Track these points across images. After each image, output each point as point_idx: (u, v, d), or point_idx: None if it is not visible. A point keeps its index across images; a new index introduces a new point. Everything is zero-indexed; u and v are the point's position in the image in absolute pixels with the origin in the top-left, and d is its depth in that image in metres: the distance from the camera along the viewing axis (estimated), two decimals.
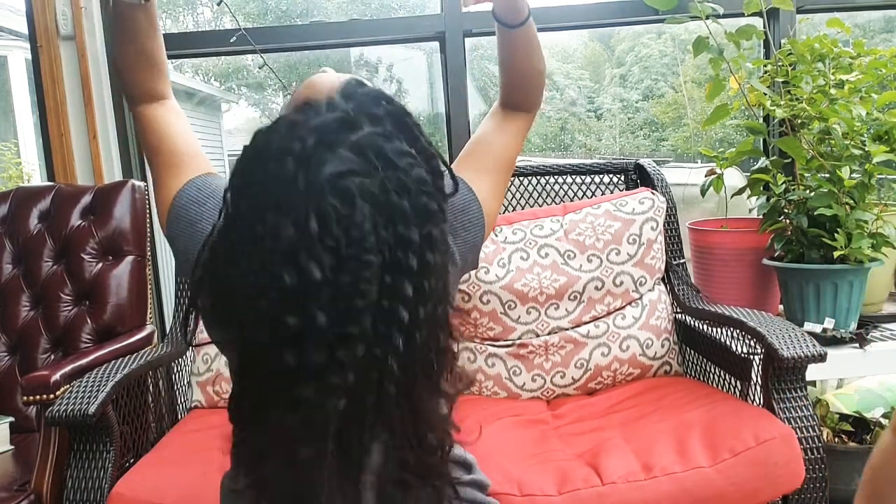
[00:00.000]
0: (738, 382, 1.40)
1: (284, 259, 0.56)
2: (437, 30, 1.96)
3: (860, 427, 1.67)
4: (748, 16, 1.73)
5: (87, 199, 1.73)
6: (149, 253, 1.72)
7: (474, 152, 0.97)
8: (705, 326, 1.55)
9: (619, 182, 1.83)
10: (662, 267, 1.63)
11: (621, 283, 1.58)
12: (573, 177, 1.83)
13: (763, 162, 1.70)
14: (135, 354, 1.41)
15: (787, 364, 1.19)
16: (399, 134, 0.64)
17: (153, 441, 1.43)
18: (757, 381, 1.32)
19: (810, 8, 1.95)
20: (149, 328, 1.67)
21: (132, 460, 1.30)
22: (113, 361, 1.32)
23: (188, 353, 1.64)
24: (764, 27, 1.73)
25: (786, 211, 1.60)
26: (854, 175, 1.51)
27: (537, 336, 1.55)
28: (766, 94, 1.60)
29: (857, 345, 1.48)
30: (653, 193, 1.66)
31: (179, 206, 0.85)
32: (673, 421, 1.26)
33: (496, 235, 1.62)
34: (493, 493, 1.07)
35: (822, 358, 1.19)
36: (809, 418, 1.20)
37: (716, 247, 1.72)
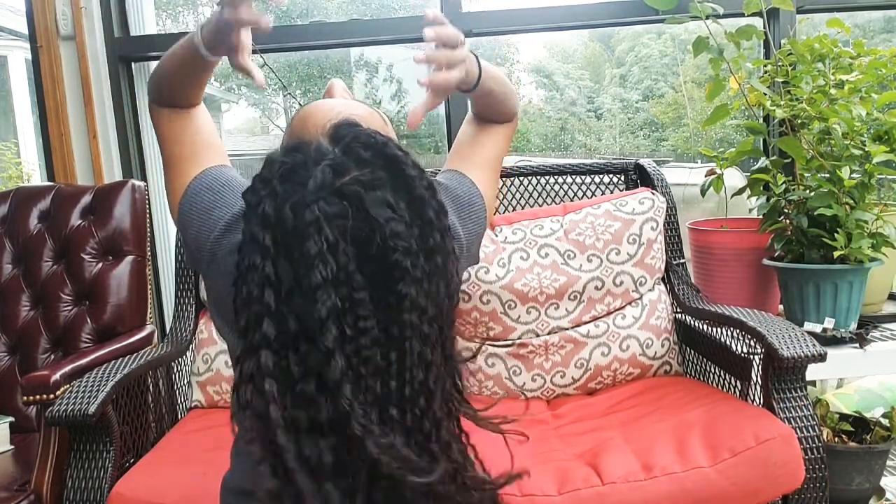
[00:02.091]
0: (738, 382, 1.40)
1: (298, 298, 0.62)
2: None
3: (860, 427, 1.67)
4: (748, 16, 1.73)
5: (86, 199, 1.72)
6: (149, 253, 1.72)
7: (461, 152, 1.00)
8: (705, 326, 1.55)
9: (619, 182, 1.83)
10: (662, 267, 1.63)
11: (621, 282, 1.58)
12: (573, 177, 1.83)
13: (763, 162, 1.70)
14: (135, 354, 1.41)
15: (787, 364, 1.18)
16: (387, 181, 0.65)
17: (153, 441, 1.43)
18: (757, 380, 1.31)
19: (810, 8, 1.95)
20: (149, 328, 1.67)
21: (132, 460, 1.30)
22: (113, 361, 1.32)
23: (188, 353, 1.64)
24: (764, 27, 1.73)
25: (786, 211, 1.60)
26: (854, 175, 1.51)
27: (537, 336, 1.55)
28: (766, 95, 1.60)
29: (857, 345, 1.48)
30: (653, 193, 1.66)
31: (194, 193, 0.86)
32: (673, 421, 1.26)
33: (496, 235, 1.62)
34: None
35: (822, 358, 1.19)
36: (809, 418, 1.20)
37: (716, 247, 1.72)
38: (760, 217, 1.66)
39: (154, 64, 2.12)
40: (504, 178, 1.83)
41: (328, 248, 0.61)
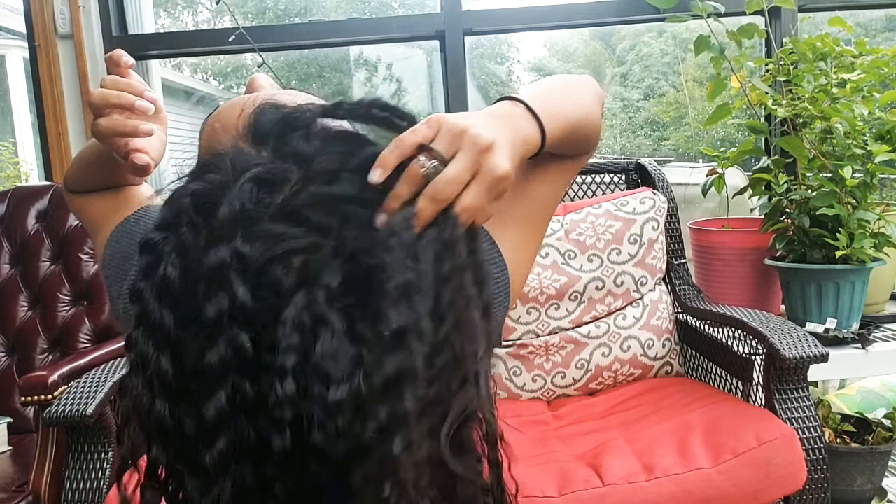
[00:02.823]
0: (739, 383, 1.40)
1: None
2: (437, 28, 1.95)
3: (862, 428, 1.66)
4: (750, 14, 1.73)
5: None
6: None
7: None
8: (706, 327, 1.55)
9: (620, 181, 1.82)
10: (663, 267, 1.63)
11: (622, 283, 1.57)
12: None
13: (765, 161, 1.69)
14: None
15: (788, 364, 1.18)
16: (347, 167, 0.43)
17: None
18: (758, 381, 1.31)
19: (812, 7, 1.94)
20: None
21: (130, 461, 1.29)
22: (111, 362, 1.31)
23: None
24: (765, 26, 1.72)
25: (787, 210, 1.59)
26: (856, 175, 1.50)
27: (538, 336, 1.54)
28: (767, 94, 1.59)
29: (859, 345, 1.47)
30: (654, 193, 1.65)
31: (107, 259, 0.72)
32: (674, 422, 1.26)
33: None
34: None
35: (823, 358, 1.19)
36: (811, 419, 1.20)
37: (717, 247, 1.71)
38: (762, 217, 1.65)
39: (154, 63, 2.12)
40: None
41: (236, 316, 0.39)
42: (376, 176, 0.43)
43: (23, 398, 1.27)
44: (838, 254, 1.43)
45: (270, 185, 0.42)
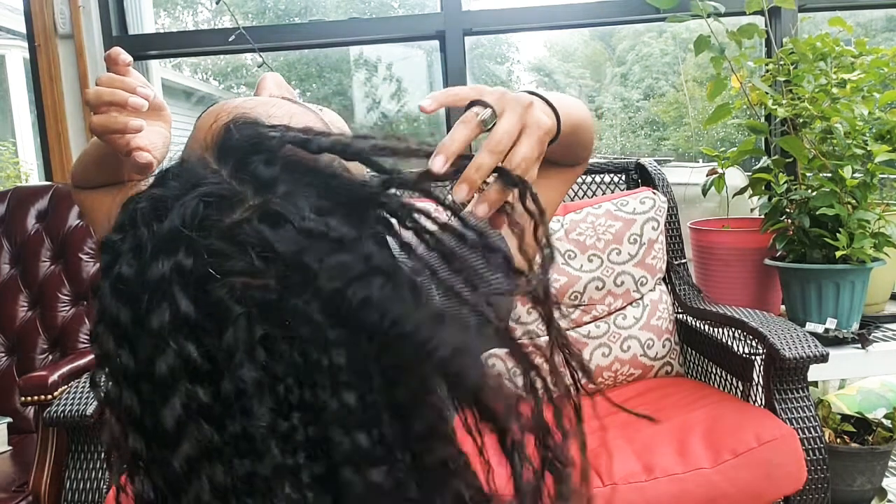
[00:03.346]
0: (739, 383, 1.40)
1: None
2: (437, 28, 1.95)
3: (862, 428, 1.66)
4: (749, 14, 1.73)
5: None
6: None
7: None
8: (707, 327, 1.55)
9: (620, 182, 1.82)
10: (663, 267, 1.63)
11: (622, 283, 1.57)
12: None
13: (765, 161, 1.69)
14: None
15: (788, 364, 1.18)
16: (310, 198, 0.42)
17: None
18: (758, 381, 1.31)
19: (812, 6, 1.94)
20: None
21: None
22: None
23: None
24: (765, 26, 1.72)
25: (787, 210, 1.59)
26: (856, 175, 1.50)
27: (538, 336, 1.54)
28: (767, 93, 1.59)
29: (859, 345, 1.47)
30: (654, 193, 1.65)
31: None
32: (674, 422, 1.26)
33: None
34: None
35: (823, 358, 1.19)
36: (811, 419, 1.20)
37: (717, 247, 1.71)
38: (762, 217, 1.65)
39: (154, 63, 2.12)
40: None
41: (180, 327, 0.40)
42: (438, 164, 0.44)
43: (23, 398, 1.27)
44: (838, 254, 1.43)
45: (220, 205, 0.42)
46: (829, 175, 1.51)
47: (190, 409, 0.41)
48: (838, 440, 1.63)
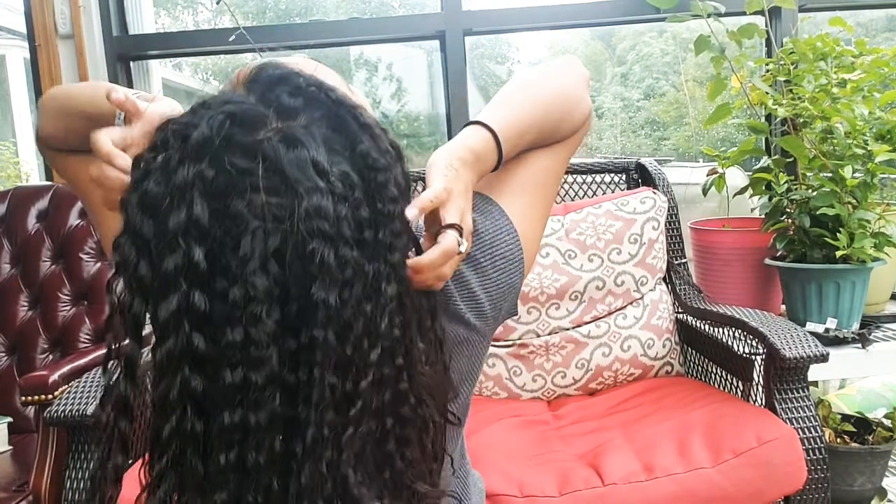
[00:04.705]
0: (739, 383, 1.40)
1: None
2: (438, 28, 1.95)
3: (862, 428, 1.66)
4: (750, 14, 1.73)
5: None
6: None
7: (496, 175, 0.70)
8: (707, 326, 1.54)
9: (621, 181, 1.82)
10: (664, 267, 1.63)
11: (622, 282, 1.57)
12: (574, 176, 1.83)
13: (765, 161, 1.69)
14: None
15: (789, 364, 1.18)
16: (322, 138, 0.48)
17: None
18: (759, 381, 1.31)
19: (812, 7, 1.94)
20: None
21: (131, 462, 1.30)
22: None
23: None
24: (766, 26, 1.72)
25: (788, 210, 1.59)
26: (856, 174, 1.50)
27: (538, 336, 1.54)
28: (767, 93, 1.59)
29: (859, 345, 1.47)
30: (654, 193, 1.65)
31: None
32: (674, 421, 1.26)
33: None
34: (493, 495, 1.07)
35: (824, 358, 1.19)
36: (811, 419, 1.20)
37: (717, 246, 1.71)
38: (762, 216, 1.65)
39: (153, 63, 2.12)
40: None
41: (190, 230, 0.45)
42: (415, 214, 0.53)
43: (23, 398, 1.27)
44: (838, 254, 1.43)
45: (243, 122, 0.47)
46: (830, 175, 1.51)
47: (182, 310, 0.45)
48: (838, 440, 1.63)
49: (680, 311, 1.64)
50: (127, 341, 0.49)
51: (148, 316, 0.48)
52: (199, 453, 0.46)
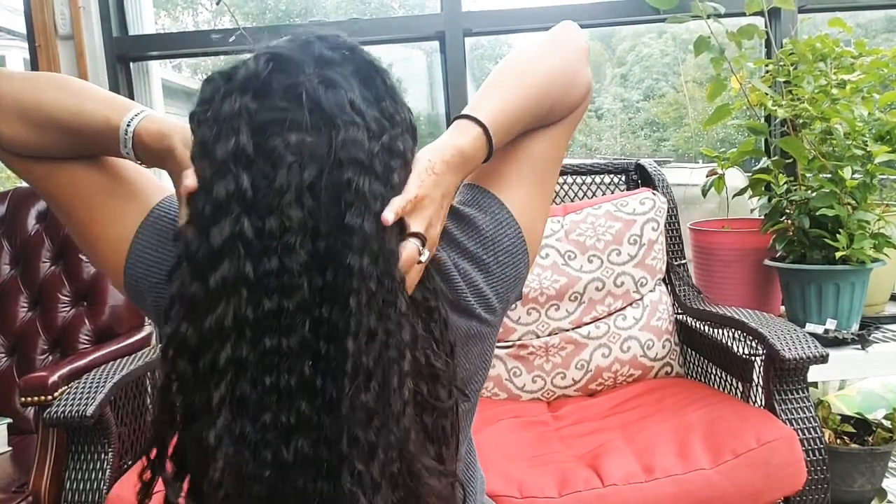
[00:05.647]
0: (739, 384, 1.40)
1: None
2: (437, 29, 1.95)
3: (862, 428, 1.66)
4: (749, 15, 1.73)
5: None
6: None
7: (491, 164, 0.69)
8: (706, 327, 1.55)
9: (620, 182, 1.82)
10: (663, 268, 1.63)
11: (622, 283, 1.57)
12: (574, 177, 1.83)
13: (764, 162, 1.69)
14: (133, 355, 1.40)
15: (788, 365, 1.18)
16: (355, 84, 0.54)
17: None
18: (758, 382, 1.31)
19: (812, 7, 1.94)
20: (147, 329, 1.66)
21: (130, 462, 1.30)
22: (111, 362, 1.31)
23: None
24: (765, 27, 1.72)
25: (787, 211, 1.59)
26: (856, 175, 1.50)
27: (538, 337, 1.54)
28: (767, 94, 1.59)
29: (859, 346, 1.47)
30: (654, 194, 1.65)
31: (141, 250, 0.64)
32: (674, 422, 1.26)
33: None
34: (493, 496, 1.07)
35: (823, 359, 1.19)
36: (811, 420, 1.20)
37: (717, 247, 1.71)
38: (762, 217, 1.65)
39: (153, 64, 2.12)
40: None
41: (238, 157, 0.49)
42: (390, 217, 0.53)
43: (23, 399, 1.27)
44: (838, 254, 1.43)
45: (286, 65, 0.52)
46: (829, 176, 1.51)
47: (235, 235, 0.48)
48: (838, 441, 1.63)
49: (679, 312, 1.65)
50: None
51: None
52: (250, 378, 0.49)
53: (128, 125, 0.59)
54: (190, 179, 0.52)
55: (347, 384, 0.48)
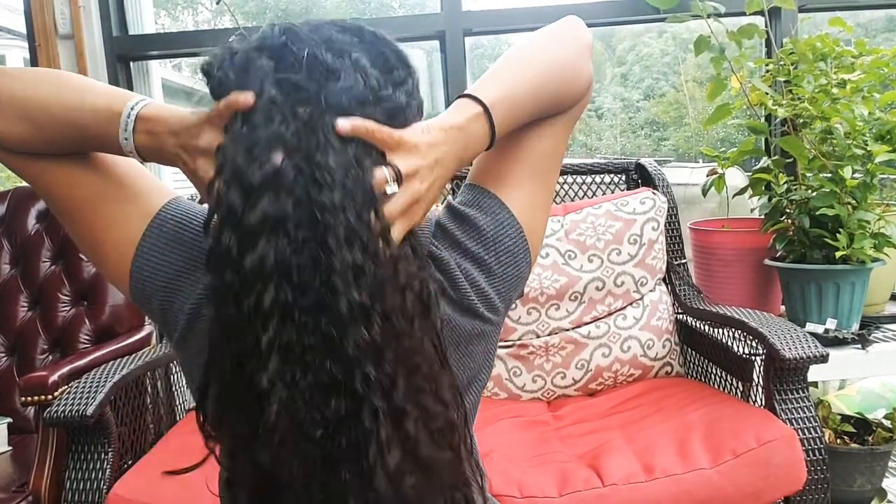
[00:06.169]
0: (739, 383, 1.40)
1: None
2: (437, 28, 1.95)
3: (862, 428, 1.66)
4: (750, 15, 1.73)
5: None
6: None
7: (485, 160, 0.71)
8: (706, 327, 1.54)
9: (620, 182, 1.82)
10: (663, 267, 1.63)
11: (622, 283, 1.57)
12: (574, 176, 1.83)
13: (765, 161, 1.69)
14: (133, 355, 1.40)
15: (788, 365, 1.18)
16: (363, 52, 0.57)
17: (151, 442, 1.42)
18: (758, 382, 1.31)
19: (812, 7, 1.94)
20: (147, 329, 1.66)
21: (130, 462, 1.30)
22: (111, 362, 1.31)
23: None
24: (765, 26, 1.72)
25: (787, 211, 1.59)
26: (856, 175, 1.50)
27: (538, 337, 1.54)
28: (767, 94, 1.59)
29: (859, 345, 1.47)
30: (654, 193, 1.65)
31: (150, 251, 0.64)
32: (674, 422, 1.26)
33: None
34: (494, 495, 1.07)
35: (823, 359, 1.18)
36: (811, 419, 1.20)
37: (717, 247, 1.71)
38: (762, 217, 1.65)
39: (153, 64, 2.12)
40: None
41: (271, 105, 0.53)
42: (346, 128, 0.54)
43: (23, 398, 1.27)
44: (838, 254, 1.43)
45: (295, 37, 0.56)
46: (829, 175, 1.51)
47: (270, 174, 0.51)
48: (838, 441, 1.63)
49: (680, 311, 1.64)
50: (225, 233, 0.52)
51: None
52: (295, 322, 0.50)
53: (131, 108, 0.60)
54: (244, 95, 0.55)
55: (346, 322, 0.50)
